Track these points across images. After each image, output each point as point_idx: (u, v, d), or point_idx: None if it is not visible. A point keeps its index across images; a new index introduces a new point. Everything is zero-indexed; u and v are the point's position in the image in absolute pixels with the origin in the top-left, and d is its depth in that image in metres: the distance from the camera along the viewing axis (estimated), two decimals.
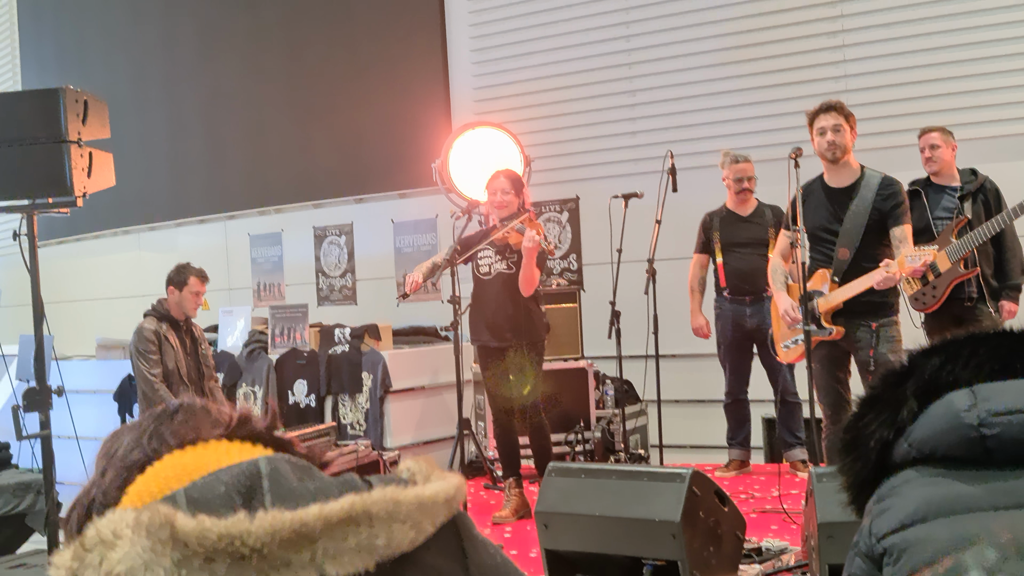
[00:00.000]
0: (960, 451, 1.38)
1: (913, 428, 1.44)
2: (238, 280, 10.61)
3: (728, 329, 6.71)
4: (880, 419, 1.48)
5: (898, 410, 1.46)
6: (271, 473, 1.07)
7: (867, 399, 1.53)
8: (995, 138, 6.99)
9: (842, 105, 5.30)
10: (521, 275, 5.81)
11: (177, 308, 6.55)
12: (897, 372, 1.50)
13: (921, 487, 1.41)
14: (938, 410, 1.41)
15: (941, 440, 1.40)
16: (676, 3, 8.12)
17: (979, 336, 1.46)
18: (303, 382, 7.51)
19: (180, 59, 11.06)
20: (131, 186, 10.63)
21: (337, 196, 9.91)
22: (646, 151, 7.97)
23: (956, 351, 1.45)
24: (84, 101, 5.30)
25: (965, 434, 1.37)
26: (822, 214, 5.32)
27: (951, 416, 1.38)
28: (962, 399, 1.39)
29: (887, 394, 1.48)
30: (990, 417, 1.35)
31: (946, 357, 1.45)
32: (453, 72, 9.23)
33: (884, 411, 1.48)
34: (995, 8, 7.06)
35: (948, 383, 1.43)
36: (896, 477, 1.46)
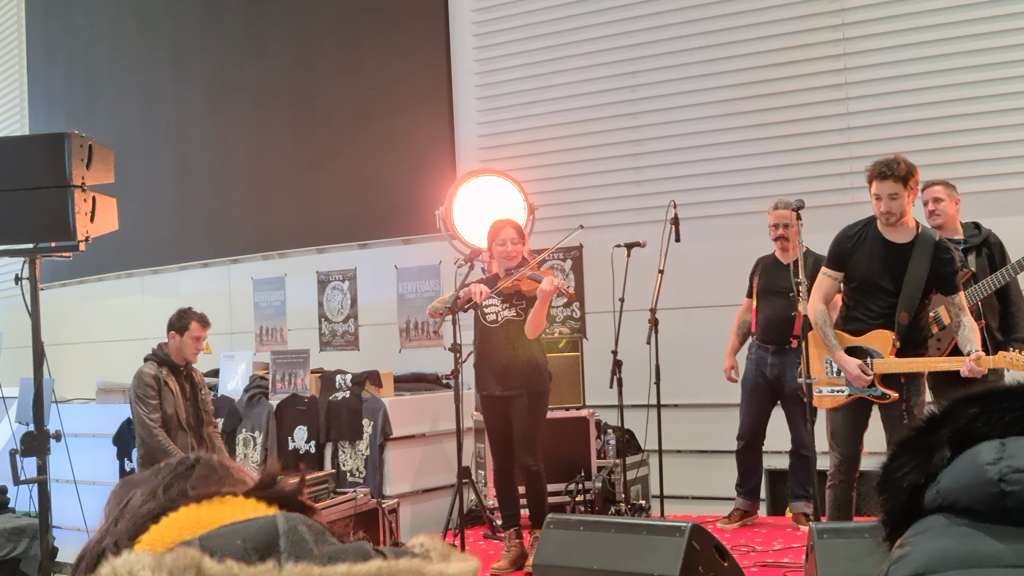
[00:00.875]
0: (981, 505, 1.36)
1: (942, 476, 1.42)
2: (241, 324, 10.60)
3: (751, 373, 6.69)
4: (914, 463, 1.46)
5: (931, 455, 1.44)
6: (289, 532, 1.05)
7: (903, 441, 1.51)
8: (999, 192, 6.99)
9: (899, 168, 5.15)
10: (531, 318, 5.87)
11: (177, 353, 6.54)
12: (935, 418, 1.48)
13: (939, 537, 1.38)
14: (965, 460, 1.39)
15: (964, 492, 1.37)
16: (681, 55, 8.17)
17: (1018, 390, 1.43)
18: (303, 428, 7.48)
19: (188, 105, 11.13)
20: (136, 230, 10.67)
21: (341, 241, 9.93)
22: (650, 200, 7.98)
23: (993, 402, 1.43)
24: (89, 146, 5.33)
25: (986, 489, 1.34)
26: (875, 267, 5.21)
27: (976, 468, 1.35)
28: (989, 451, 1.36)
29: (922, 438, 1.46)
30: (1011, 473, 1.32)
31: (983, 407, 1.42)
32: (458, 120, 9.27)
33: (918, 455, 1.46)
34: (1000, 63, 7.09)
35: (982, 434, 1.40)
36: (920, 523, 1.44)
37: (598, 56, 8.52)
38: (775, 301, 6.58)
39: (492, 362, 6.03)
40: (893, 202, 5.13)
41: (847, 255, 5.31)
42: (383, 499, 6.88)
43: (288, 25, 10.35)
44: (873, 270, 5.20)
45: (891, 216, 5.16)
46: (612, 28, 8.47)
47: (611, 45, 8.47)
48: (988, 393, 1.45)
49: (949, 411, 1.46)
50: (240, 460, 7.56)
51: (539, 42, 8.81)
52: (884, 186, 5.14)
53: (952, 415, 1.45)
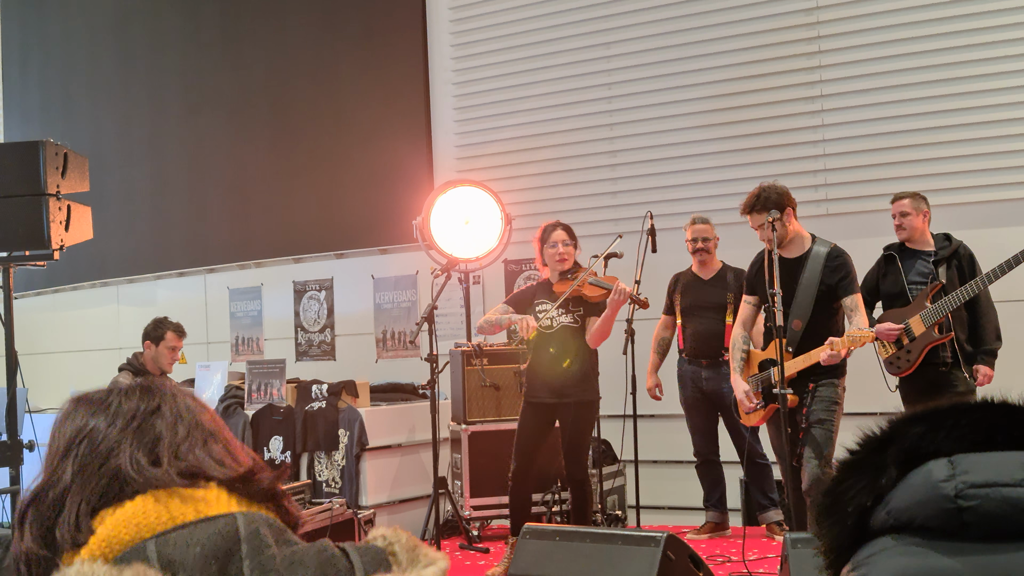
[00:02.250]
0: (937, 522, 1.36)
1: (892, 496, 1.41)
2: (217, 334, 10.56)
3: (688, 390, 6.80)
4: (859, 485, 1.46)
5: (878, 476, 1.43)
6: (249, 536, 1.04)
7: (847, 464, 1.50)
8: (969, 204, 7.07)
9: (766, 202, 5.45)
10: (598, 326, 5.75)
11: (152, 363, 6.51)
12: (878, 437, 1.47)
13: (895, 557, 1.38)
14: (916, 479, 1.38)
15: (918, 511, 1.37)
16: (658, 66, 8.22)
17: (962, 407, 1.44)
18: (279, 438, 7.46)
19: (165, 115, 11.10)
20: (112, 239, 10.62)
21: (318, 251, 9.92)
22: (626, 211, 8.01)
23: (939, 420, 1.43)
24: (64, 154, 5.31)
25: (942, 505, 1.34)
26: (774, 284, 5.42)
27: (929, 486, 1.36)
28: (941, 469, 1.36)
29: (868, 459, 1.46)
30: (968, 489, 1.32)
31: (929, 426, 1.43)
32: (436, 130, 9.29)
33: (864, 477, 1.45)
34: (971, 77, 7.17)
35: (930, 452, 1.40)
36: (872, 544, 1.43)
37: (575, 67, 8.56)
38: (703, 316, 6.73)
39: (544, 369, 5.89)
40: (759, 231, 5.47)
41: (754, 279, 5.66)
42: (359, 509, 6.87)
43: (265, 35, 10.34)
44: (770, 286, 5.43)
45: (769, 243, 5.44)
46: (589, 40, 8.51)
47: (588, 56, 8.51)
48: (932, 411, 1.46)
49: (894, 430, 1.46)
50: None
51: (516, 53, 8.84)
52: (756, 219, 5.48)
53: (897, 434, 1.45)
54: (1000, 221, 6.98)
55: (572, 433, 5.88)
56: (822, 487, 1.53)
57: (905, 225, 6.06)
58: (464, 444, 7.07)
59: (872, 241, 6.47)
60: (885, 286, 6.14)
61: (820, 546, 1.51)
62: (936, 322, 5.78)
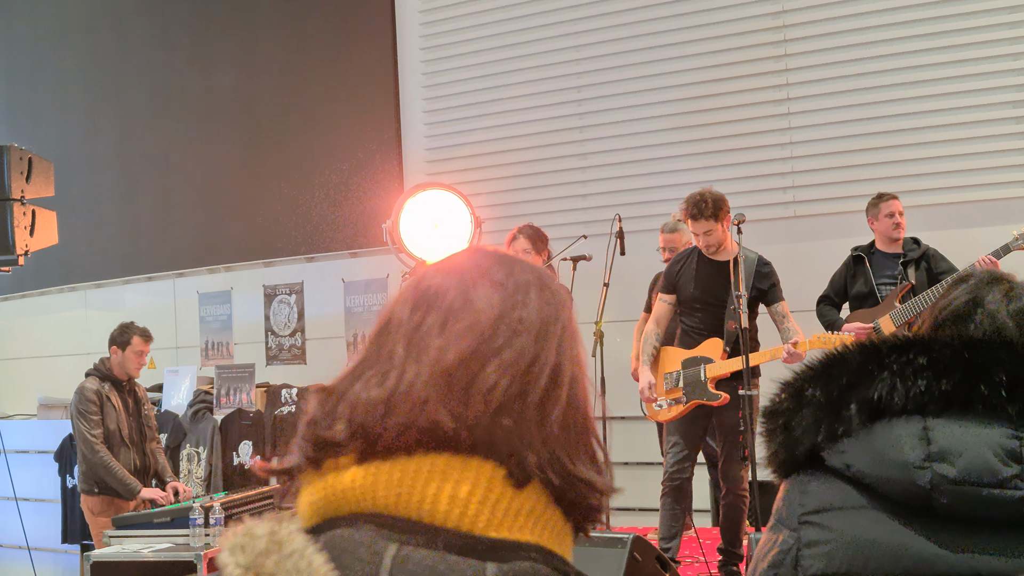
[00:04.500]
0: (902, 498, 1.34)
1: (850, 445, 1.37)
2: (186, 339, 10.50)
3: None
4: (813, 419, 1.41)
5: (835, 420, 1.39)
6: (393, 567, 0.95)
7: (800, 392, 1.44)
8: (937, 206, 7.12)
9: (707, 208, 5.51)
10: None
11: (120, 368, 6.45)
12: (839, 376, 1.41)
13: (860, 527, 1.35)
14: (884, 446, 1.34)
15: (886, 485, 1.35)
16: (627, 69, 8.24)
17: (932, 351, 1.38)
18: (248, 443, 7.43)
19: (133, 118, 11.02)
20: (79, 243, 10.54)
21: (288, 255, 9.87)
22: (596, 214, 8.03)
23: (906, 365, 1.38)
24: (29, 159, 5.27)
25: (913, 490, 1.32)
26: (702, 284, 5.61)
27: (900, 466, 1.33)
28: (914, 446, 1.33)
29: (826, 395, 1.41)
30: (945, 485, 1.30)
31: (897, 374, 1.37)
32: (406, 133, 9.27)
33: (819, 413, 1.41)
34: (938, 79, 7.23)
35: (897, 409, 1.36)
36: (830, 488, 1.40)
37: (545, 71, 8.57)
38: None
39: None
40: (709, 237, 5.54)
41: (676, 279, 5.75)
42: None
43: (233, 38, 10.29)
44: (701, 287, 5.60)
45: (710, 248, 5.59)
46: (559, 43, 8.52)
47: (558, 60, 8.53)
48: (901, 354, 1.39)
49: (859, 373, 1.40)
50: (184, 476, 7.49)
51: (487, 56, 8.84)
52: (698, 226, 5.55)
53: (860, 379, 1.39)
54: (968, 222, 7.03)
55: None
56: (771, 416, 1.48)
57: (903, 224, 6.12)
58: None
59: (840, 242, 6.51)
60: (854, 287, 6.18)
61: (768, 459, 1.50)
62: (906, 321, 5.83)
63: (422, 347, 1.02)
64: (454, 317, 1.02)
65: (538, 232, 6.25)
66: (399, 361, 1.03)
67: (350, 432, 1.02)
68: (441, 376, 0.99)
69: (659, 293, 5.89)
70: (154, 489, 6.37)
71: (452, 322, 1.01)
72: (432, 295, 1.04)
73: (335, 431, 1.02)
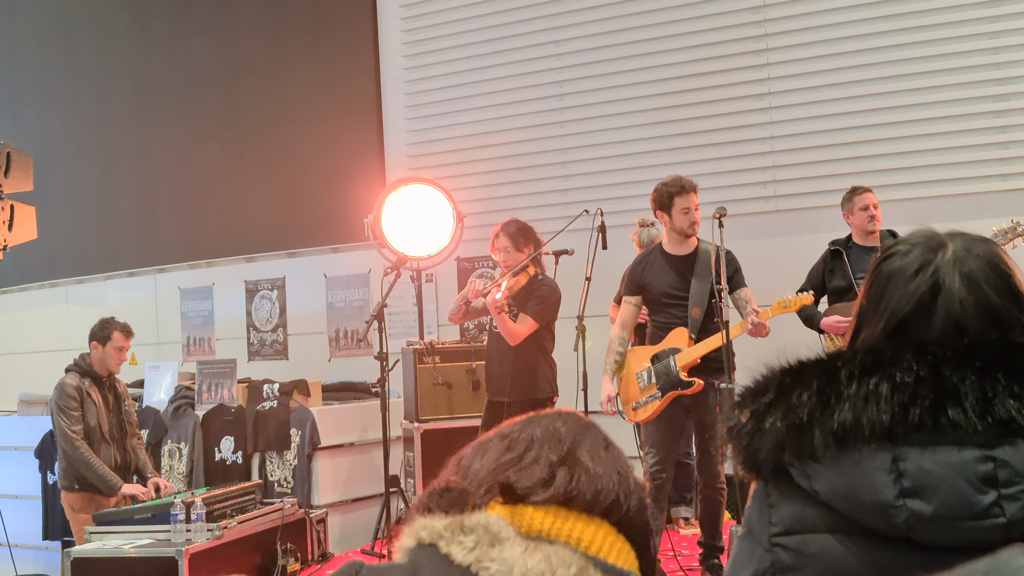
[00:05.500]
0: (878, 529, 1.31)
1: (819, 476, 1.34)
2: (167, 334, 10.47)
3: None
4: (777, 445, 1.37)
5: (800, 445, 1.35)
6: None
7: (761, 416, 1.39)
8: (916, 200, 7.15)
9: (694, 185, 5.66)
10: (500, 330, 5.99)
11: (100, 364, 6.42)
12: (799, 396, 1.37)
13: (834, 556, 1.32)
14: (856, 486, 1.31)
15: (861, 513, 1.31)
16: (608, 63, 8.25)
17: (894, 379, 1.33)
18: (230, 439, 7.40)
19: (113, 112, 10.97)
20: (60, 238, 10.49)
21: (269, 250, 9.86)
22: (577, 208, 8.01)
23: (868, 396, 1.33)
24: (7, 153, 5.25)
25: (888, 521, 1.29)
26: (668, 280, 5.64)
27: (873, 505, 1.29)
28: (886, 484, 1.29)
29: (787, 423, 1.37)
30: (918, 524, 1.27)
31: (863, 397, 1.33)
32: (387, 127, 9.26)
33: (784, 439, 1.37)
34: (917, 74, 7.27)
35: (862, 437, 1.31)
36: (797, 507, 1.37)
37: (526, 65, 8.57)
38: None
39: (493, 367, 6.17)
40: (696, 213, 5.60)
41: (640, 279, 5.76)
42: (311, 509, 6.84)
43: (214, 32, 10.25)
44: (667, 283, 5.64)
45: (696, 226, 5.63)
46: (540, 37, 8.52)
47: (538, 54, 8.53)
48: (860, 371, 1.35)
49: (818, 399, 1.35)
50: (166, 472, 7.47)
51: (468, 50, 8.83)
52: (693, 198, 5.60)
53: (822, 407, 1.35)
54: (947, 216, 7.06)
55: None
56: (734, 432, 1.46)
57: (879, 217, 6.14)
58: (417, 442, 7.05)
59: (820, 236, 6.53)
60: (832, 281, 6.20)
61: (735, 463, 1.45)
62: None
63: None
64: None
65: (521, 227, 6.25)
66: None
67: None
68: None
69: (623, 296, 5.92)
70: (135, 485, 6.35)
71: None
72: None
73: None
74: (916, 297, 1.44)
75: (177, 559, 5.44)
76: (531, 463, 1.21)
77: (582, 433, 1.28)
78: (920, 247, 1.50)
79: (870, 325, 1.49)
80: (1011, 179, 7.07)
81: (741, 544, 1.46)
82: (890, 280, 1.49)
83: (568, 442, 1.25)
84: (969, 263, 1.45)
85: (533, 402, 5.95)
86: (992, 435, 1.28)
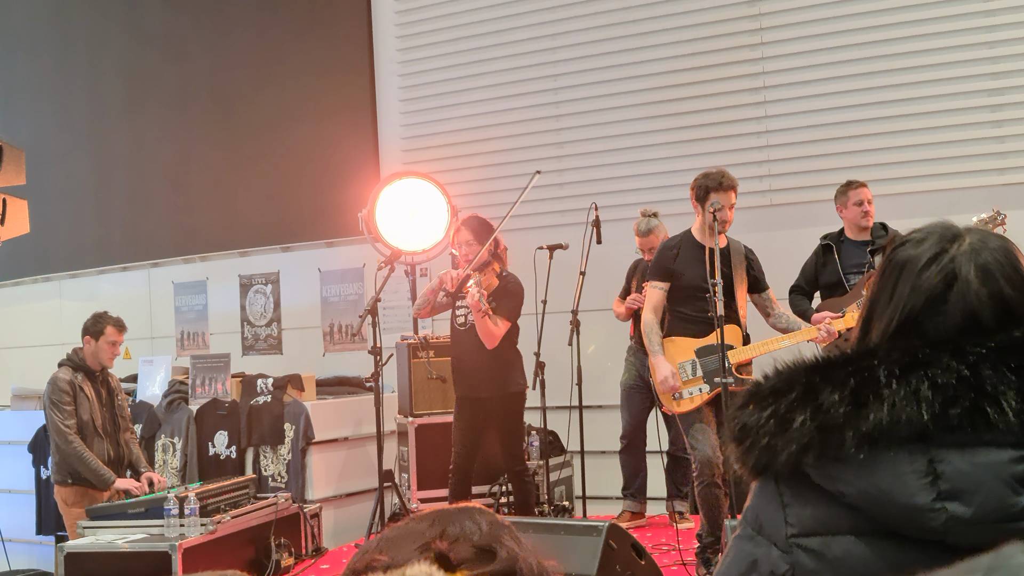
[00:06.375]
0: (909, 532, 1.28)
1: (844, 478, 1.30)
2: (161, 329, 10.44)
3: (632, 376, 6.88)
4: (802, 447, 1.33)
5: (828, 446, 1.31)
6: None
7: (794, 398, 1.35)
8: (911, 194, 7.15)
9: (735, 180, 5.51)
10: (477, 331, 5.89)
11: (93, 358, 6.40)
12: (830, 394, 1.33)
13: (861, 559, 1.30)
14: (890, 488, 1.28)
15: (890, 514, 1.29)
16: (603, 58, 8.24)
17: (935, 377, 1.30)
18: (224, 433, 7.39)
19: (107, 107, 10.94)
20: (54, 233, 10.47)
21: (263, 244, 9.83)
22: (572, 203, 8.03)
23: (908, 396, 1.29)
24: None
25: (924, 524, 1.26)
26: (702, 271, 5.42)
27: (909, 509, 1.27)
28: (923, 488, 1.26)
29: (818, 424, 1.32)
30: (957, 526, 1.24)
31: (890, 401, 1.30)
32: (381, 122, 9.24)
33: (811, 441, 1.32)
34: (913, 68, 7.26)
35: (898, 437, 1.28)
36: (818, 508, 1.33)
37: (521, 59, 8.56)
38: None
39: (463, 364, 6.11)
40: (731, 211, 5.44)
41: (672, 266, 5.53)
42: (305, 504, 6.83)
43: (208, 26, 10.22)
44: (700, 274, 5.39)
45: (727, 225, 5.46)
46: (535, 31, 8.51)
47: (533, 48, 8.51)
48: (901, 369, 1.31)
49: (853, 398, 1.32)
50: (159, 466, 7.45)
51: (462, 44, 8.82)
52: (729, 196, 5.42)
53: (857, 407, 1.31)
54: (942, 210, 7.02)
55: (502, 426, 6.04)
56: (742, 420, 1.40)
57: (872, 212, 6.13)
58: (411, 437, 7.04)
59: (816, 231, 6.52)
60: (824, 276, 6.20)
61: (741, 464, 1.41)
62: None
63: None
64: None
65: (483, 223, 6.22)
66: None
67: None
68: None
69: (651, 281, 5.67)
70: (128, 479, 6.33)
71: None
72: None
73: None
74: (928, 287, 1.41)
75: (171, 554, 5.43)
76: (457, 539, 1.18)
77: (499, 525, 1.24)
78: (935, 236, 1.46)
79: (881, 316, 1.46)
80: (1007, 173, 7.08)
81: (741, 545, 1.43)
82: (903, 269, 1.46)
83: (489, 526, 1.22)
84: (984, 255, 1.41)
85: (508, 396, 5.98)
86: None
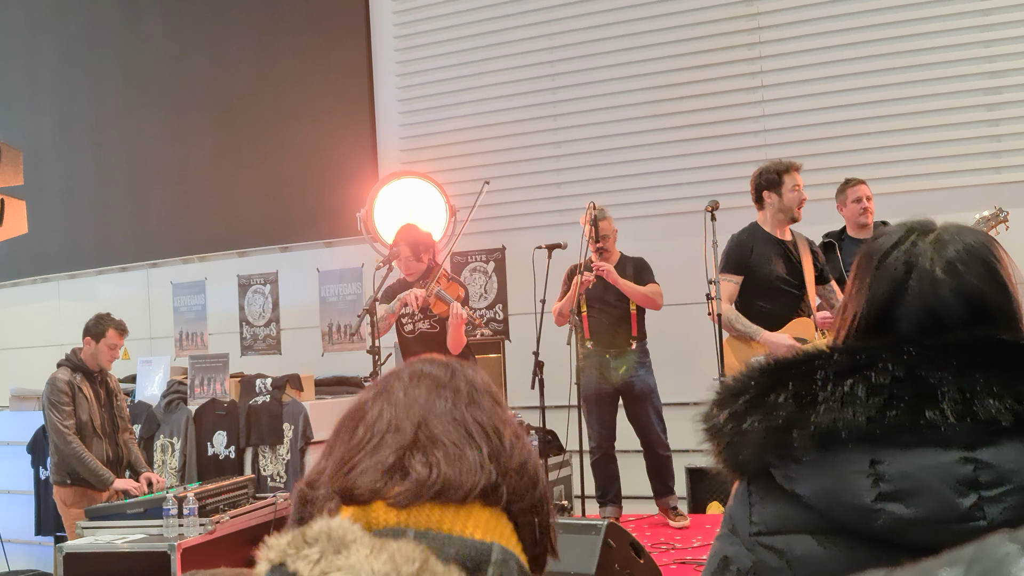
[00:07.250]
0: (862, 532, 1.29)
1: (800, 478, 1.32)
2: (160, 329, 10.44)
3: (594, 380, 6.57)
4: (758, 448, 1.35)
5: (781, 447, 1.33)
6: (499, 563, 1.08)
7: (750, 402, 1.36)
8: (910, 192, 7.16)
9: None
10: (450, 341, 5.94)
11: (92, 359, 6.39)
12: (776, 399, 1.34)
13: (818, 557, 1.31)
14: (837, 488, 1.29)
15: (841, 514, 1.30)
16: (601, 57, 8.24)
17: (869, 380, 1.30)
18: (223, 433, 7.38)
19: (105, 108, 10.94)
20: (52, 233, 10.47)
21: (262, 245, 9.83)
22: (570, 202, 8.03)
23: (844, 398, 1.30)
24: None
25: (869, 524, 1.27)
26: (780, 265, 5.37)
27: (856, 507, 1.28)
28: (866, 488, 1.26)
29: (766, 426, 1.34)
30: (899, 527, 1.25)
31: (840, 399, 1.30)
32: (380, 122, 9.24)
33: (765, 442, 1.34)
34: (910, 67, 7.27)
35: (841, 439, 1.28)
36: (781, 507, 1.35)
37: (519, 59, 8.56)
38: (610, 306, 6.57)
39: None
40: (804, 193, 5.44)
41: (748, 260, 5.45)
42: None
43: (207, 26, 10.22)
44: (778, 268, 5.36)
45: (803, 203, 5.47)
46: (533, 31, 8.51)
47: (532, 48, 8.52)
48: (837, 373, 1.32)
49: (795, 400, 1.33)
50: (158, 467, 7.45)
51: (461, 44, 8.82)
52: (800, 178, 5.46)
53: (799, 409, 1.33)
54: (940, 208, 7.05)
55: None
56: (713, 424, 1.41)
57: (871, 209, 6.14)
58: None
59: (815, 229, 6.51)
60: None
61: (717, 460, 1.42)
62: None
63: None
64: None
65: (418, 238, 6.29)
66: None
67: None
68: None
69: (723, 274, 5.52)
70: (127, 480, 6.33)
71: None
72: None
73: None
74: (891, 274, 1.41)
75: (169, 554, 5.42)
76: (376, 447, 1.16)
77: (440, 392, 1.21)
78: (905, 228, 1.47)
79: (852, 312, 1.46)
80: (1004, 172, 7.08)
81: (718, 543, 1.44)
82: (870, 259, 1.47)
83: (420, 413, 1.19)
84: (951, 247, 1.41)
85: None
86: (975, 436, 1.25)
